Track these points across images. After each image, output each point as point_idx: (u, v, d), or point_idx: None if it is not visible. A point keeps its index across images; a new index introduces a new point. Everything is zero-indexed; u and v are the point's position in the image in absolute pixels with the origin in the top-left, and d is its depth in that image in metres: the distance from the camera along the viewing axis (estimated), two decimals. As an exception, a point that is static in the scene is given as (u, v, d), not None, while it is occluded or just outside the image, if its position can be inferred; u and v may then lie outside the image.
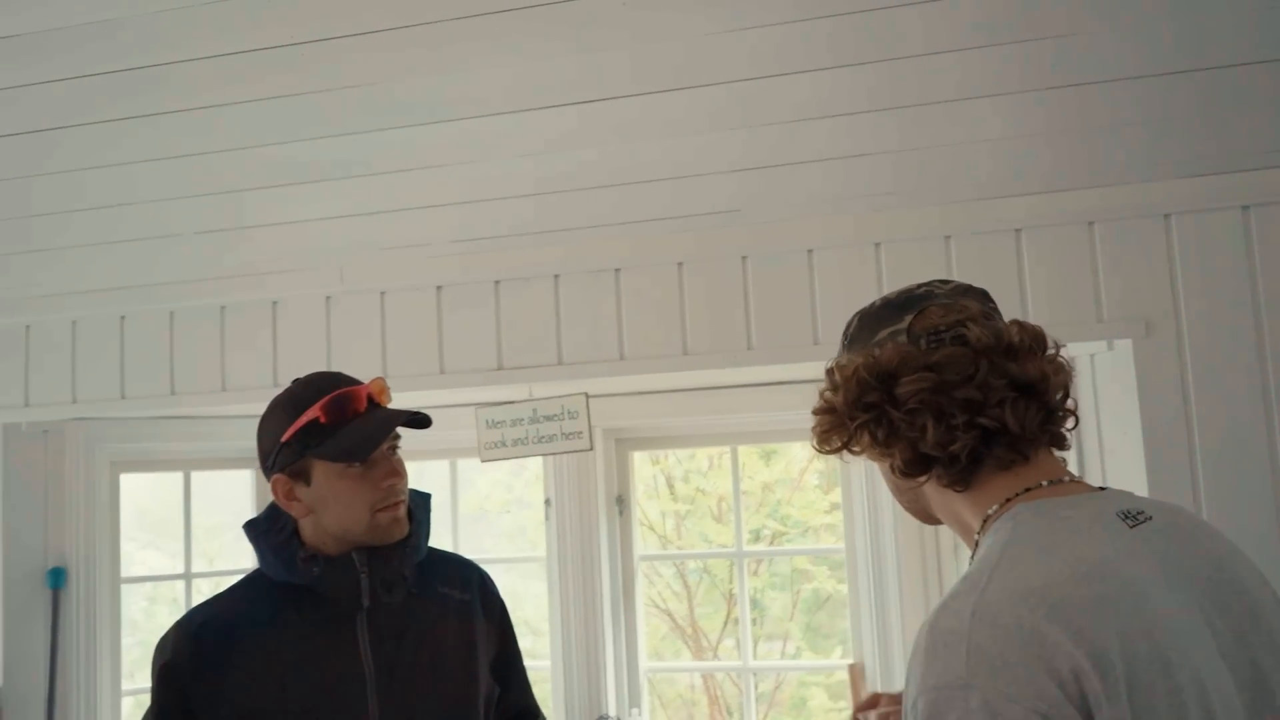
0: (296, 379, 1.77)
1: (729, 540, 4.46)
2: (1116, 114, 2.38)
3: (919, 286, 1.26)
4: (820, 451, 1.28)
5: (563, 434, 2.79)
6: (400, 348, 2.79)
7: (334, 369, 2.69)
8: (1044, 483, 1.16)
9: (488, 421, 2.90)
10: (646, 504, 3.27)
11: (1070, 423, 1.21)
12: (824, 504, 4.16)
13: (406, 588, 1.78)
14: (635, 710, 3.13)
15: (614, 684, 3.14)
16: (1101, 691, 0.97)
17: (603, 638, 3.12)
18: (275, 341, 2.88)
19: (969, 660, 0.99)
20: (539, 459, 3.27)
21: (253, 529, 1.78)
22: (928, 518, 1.29)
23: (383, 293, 2.81)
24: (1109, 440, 2.41)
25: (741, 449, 3.24)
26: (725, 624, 4.35)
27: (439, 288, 2.78)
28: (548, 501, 3.22)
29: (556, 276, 2.71)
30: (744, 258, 2.60)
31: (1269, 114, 2.33)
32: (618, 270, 2.67)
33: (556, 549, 3.17)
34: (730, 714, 4.41)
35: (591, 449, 2.76)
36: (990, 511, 1.17)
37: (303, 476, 1.69)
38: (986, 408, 1.14)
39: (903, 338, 1.20)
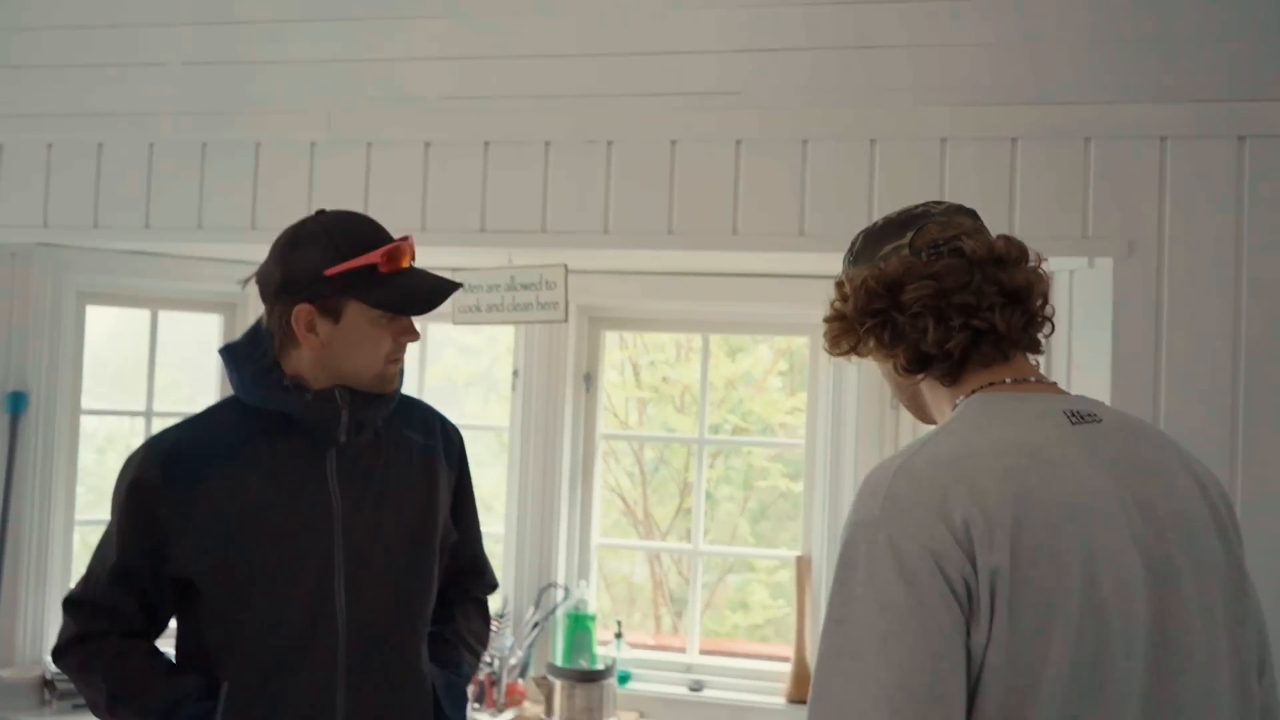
0: (323, 212, 1.75)
1: (691, 430, 4.51)
2: (1121, 28, 2.37)
3: (917, 207, 1.39)
4: (831, 354, 1.42)
5: (539, 304, 2.78)
6: (383, 202, 2.75)
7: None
8: (1007, 380, 1.30)
9: (465, 285, 2.89)
10: (611, 390, 3.29)
11: (1047, 329, 1.34)
12: (786, 405, 4.21)
13: (374, 429, 1.81)
14: (583, 582, 3.19)
15: (565, 555, 3.20)
16: (985, 539, 1.12)
17: (558, 510, 3.16)
18: (256, 184, 2.83)
19: (884, 504, 1.16)
20: (510, 334, 3.28)
21: (232, 353, 1.77)
22: (925, 416, 1.43)
23: (369, 144, 2.77)
24: (1078, 355, 2.45)
25: (709, 344, 3.26)
26: (676, 514, 4.42)
27: (427, 144, 2.74)
28: (515, 373, 3.23)
29: (548, 143, 2.68)
30: (738, 141, 2.58)
31: (1267, 43, 2.33)
32: (610, 143, 2.65)
33: (521, 420, 3.20)
34: (672, 601, 4.52)
35: (566, 321, 2.76)
36: (958, 401, 1.32)
37: (332, 313, 1.69)
38: (979, 311, 1.28)
39: (905, 251, 1.33)
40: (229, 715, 1.64)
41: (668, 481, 4.46)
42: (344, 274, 1.67)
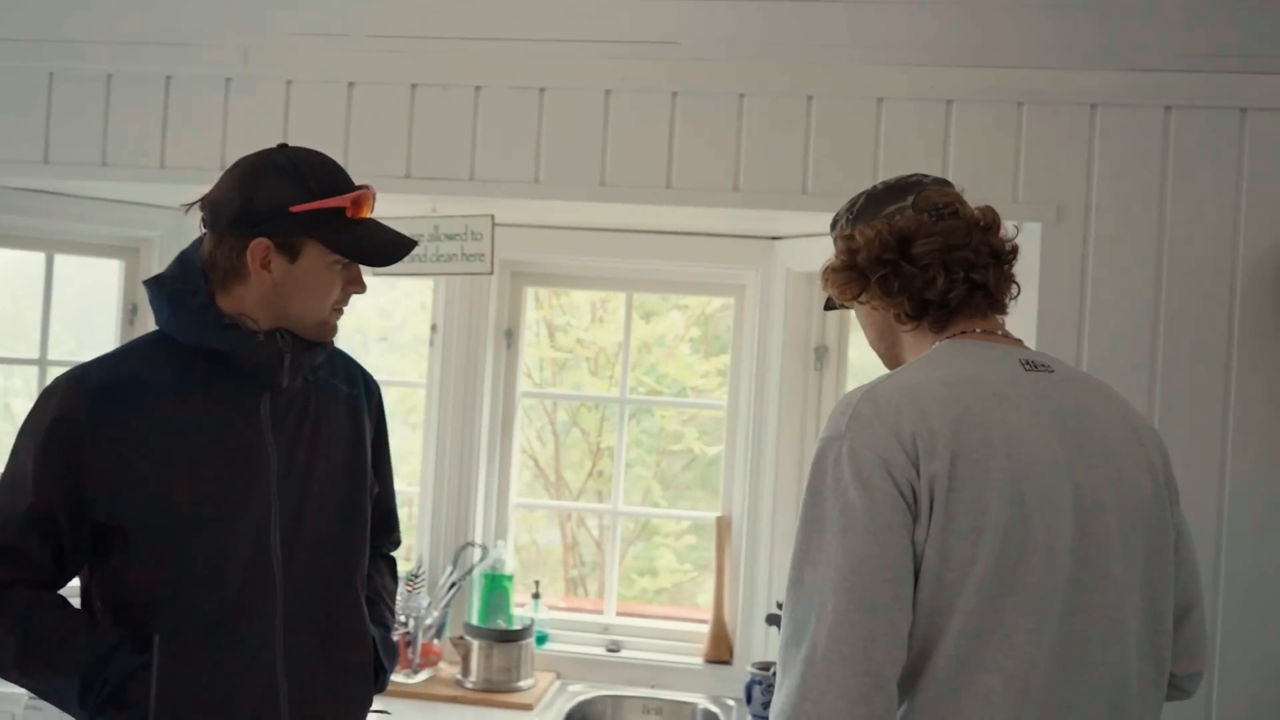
0: (288, 146, 1.68)
1: (605, 393, 4.47)
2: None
3: (910, 176, 1.60)
4: (839, 300, 1.60)
5: (463, 255, 2.71)
6: (302, 143, 2.63)
7: (228, 158, 2.55)
8: (978, 330, 1.50)
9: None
10: (526, 351, 3.23)
11: (1015, 290, 1.56)
12: (701, 368, 4.20)
13: (308, 376, 1.75)
14: (501, 542, 3.14)
15: (483, 515, 3.14)
16: (929, 451, 1.32)
17: (477, 469, 3.10)
18: (165, 120, 2.69)
19: (849, 422, 1.36)
20: (426, 288, 3.19)
21: (161, 286, 1.67)
22: (898, 362, 1.60)
23: (289, 82, 2.65)
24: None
25: (631, 302, 3.22)
26: (588, 477, 4.38)
27: (351, 84, 2.64)
28: (434, 328, 3.15)
29: (477, 88, 2.60)
30: (674, 93, 2.54)
31: (1199, 15, 2.37)
32: (542, 90, 2.58)
33: (439, 377, 3.12)
34: (583, 565, 4.49)
35: (492, 273, 2.69)
36: (936, 344, 1.50)
37: (290, 252, 1.62)
38: (975, 267, 1.48)
39: (910, 211, 1.52)
40: (165, 669, 1.55)
41: (580, 444, 4.42)
42: (310, 213, 1.60)
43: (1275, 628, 2.35)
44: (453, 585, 3.05)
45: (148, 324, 2.17)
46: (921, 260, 1.48)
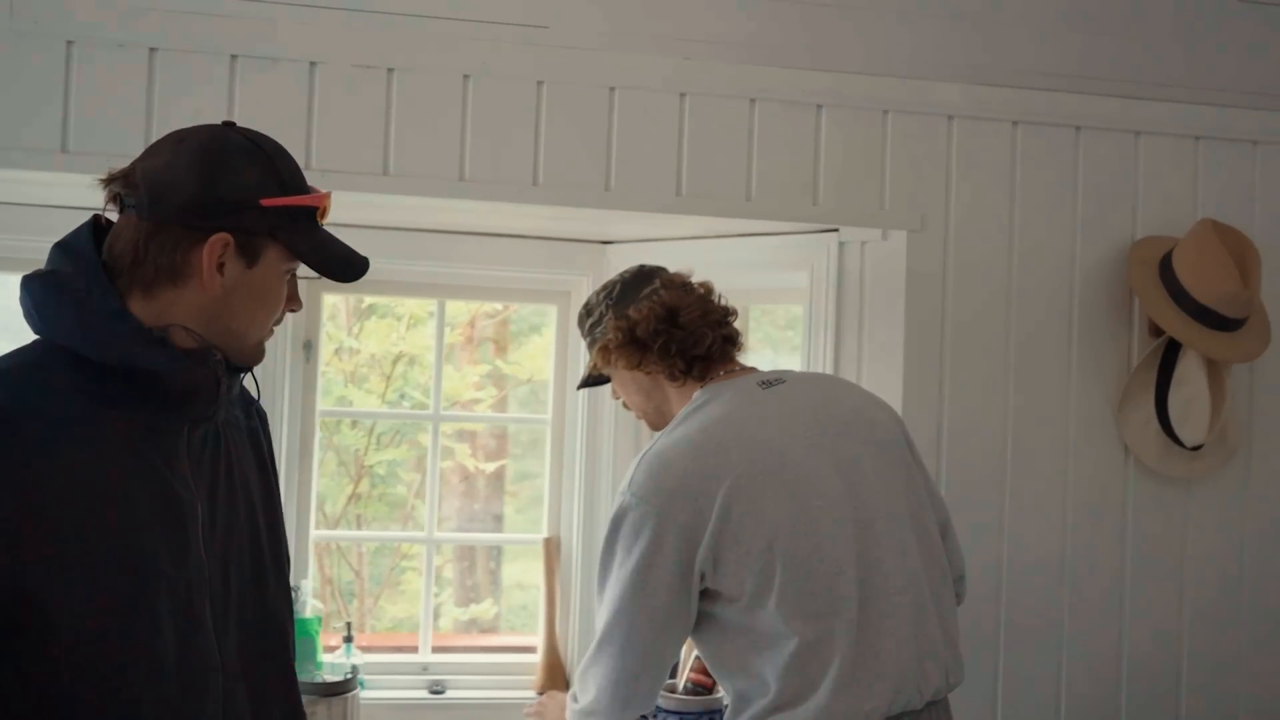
0: (235, 125, 1.38)
1: (369, 405, 4.08)
2: (933, 5, 2.44)
3: (641, 266, 2.04)
4: (617, 370, 1.97)
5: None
6: (98, 123, 2.19)
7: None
8: (721, 372, 1.91)
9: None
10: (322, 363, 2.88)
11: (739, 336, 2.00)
12: (472, 376, 3.94)
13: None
14: (304, 581, 2.77)
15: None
16: (711, 492, 1.70)
17: (273, 500, 2.71)
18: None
19: (642, 484, 1.75)
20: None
21: (57, 287, 1.28)
22: (660, 415, 1.97)
23: (68, 42, 2.18)
24: (869, 322, 2.48)
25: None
26: (348, 502, 3.98)
27: (152, 50, 2.21)
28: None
29: (313, 64, 2.27)
30: (540, 83, 2.34)
31: (1041, 35, 2.51)
32: (390, 70, 2.29)
33: (224, 395, 2.69)
34: (342, 596, 4.09)
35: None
36: (696, 394, 1.89)
37: (249, 254, 1.32)
38: (723, 324, 1.93)
39: (663, 291, 1.94)
40: None
41: (328, 463, 4.01)
42: (281, 210, 1.32)
43: (1115, 608, 2.52)
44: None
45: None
46: (689, 325, 1.89)
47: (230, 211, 1.29)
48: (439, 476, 2.95)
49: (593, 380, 2.14)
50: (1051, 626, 2.49)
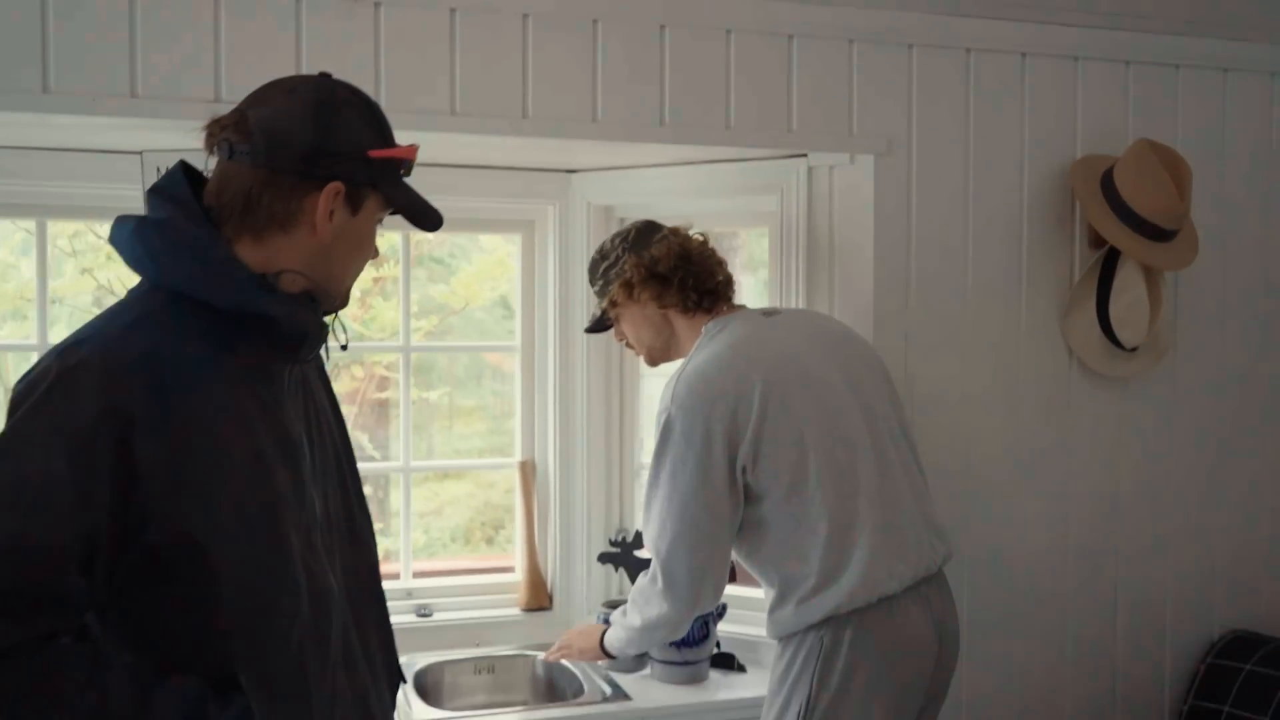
0: (331, 76, 1.42)
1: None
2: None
3: (643, 221, 2.36)
4: (622, 305, 2.28)
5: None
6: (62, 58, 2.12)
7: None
8: (724, 308, 2.24)
9: (158, 169, 2.38)
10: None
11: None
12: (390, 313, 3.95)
13: None
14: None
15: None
16: (747, 397, 2.02)
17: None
18: None
19: (682, 398, 2.06)
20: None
21: (177, 234, 1.31)
22: (673, 354, 2.28)
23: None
24: (839, 243, 2.61)
25: (409, 242, 2.95)
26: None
27: (132, -15, 2.15)
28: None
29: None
30: (525, 15, 2.36)
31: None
32: (378, 4, 2.27)
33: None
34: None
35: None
36: (704, 328, 2.19)
37: (354, 203, 1.37)
38: (723, 267, 2.26)
39: (671, 237, 2.25)
40: (265, 714, 1.25)
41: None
42: (383, 161, 1.38)
43: (1060, 492, 2.76)
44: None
45: None
46: (701, 262, 2.22)
47: (342, 162, 1.34)
48: (409, 408, 3.00)
49: (601, 324, 2.39)
50: (1005, 506, 2.71)
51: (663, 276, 2.21)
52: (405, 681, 1.63)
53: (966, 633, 2.39)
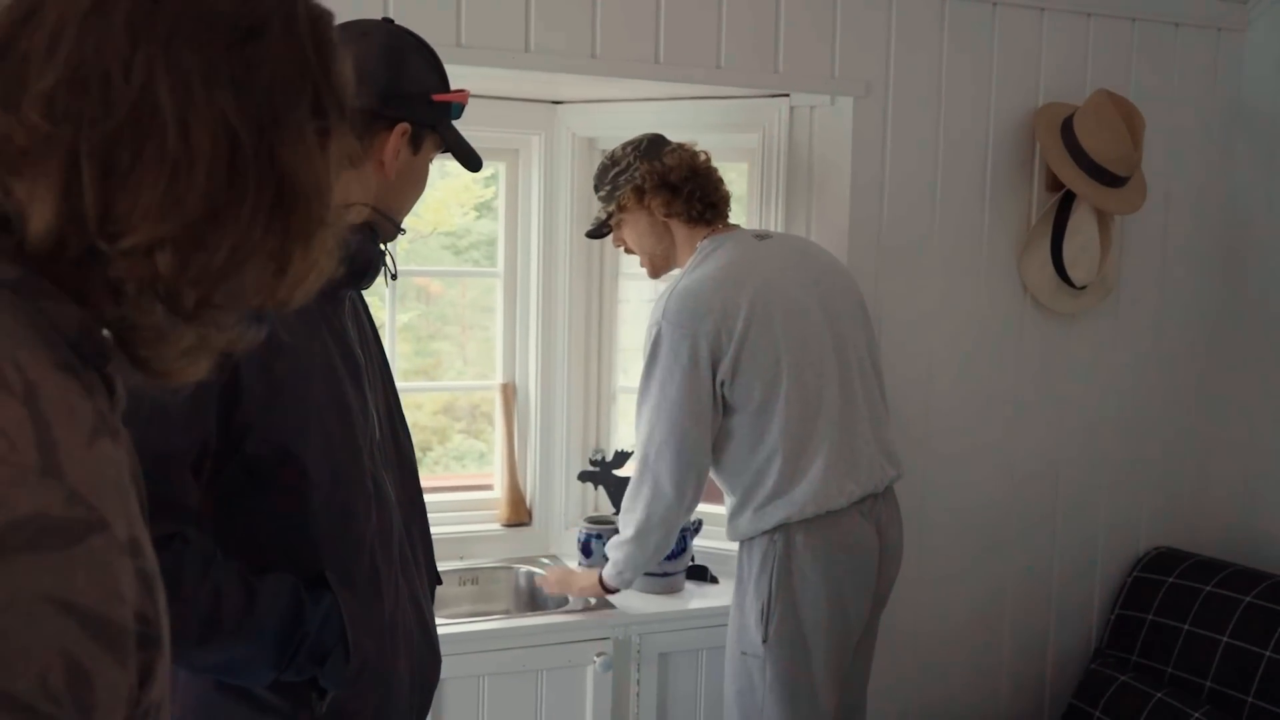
0: (392, 21, 1.53)
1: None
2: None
3: (652, 134, 2.47)
4: (628, 210, 2.40)
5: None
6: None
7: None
8: (720, 226, 2.41)
9: None
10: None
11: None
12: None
13: None
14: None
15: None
16: (732, 322, 2.21)
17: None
18: None
19: (672, 311, 2.25)
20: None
21: None
22: (666, 257, 2.45)
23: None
24: (818, 180, 2.76)
25: None
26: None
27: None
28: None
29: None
30: (529, -49, 2.43)
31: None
32: (388, -65, 2.33)
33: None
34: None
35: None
36: (699, 243, 2.37)
37: (415, 143, 1.48)
38: (723, 182, 2.43)
39: (679, 150, 2.40)
40: (348, 609, 1.38)
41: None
42: (442, 105, 1.50)
43: (1012, 419, 2.97)
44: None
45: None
46: (707, 175, 2.37)
47: (409, 103, 1.44)
48: (395, 333, 3.08)
49: (603, 229, 2.51)
50: (959, 423, 2.92)
51: (673, 186, 2.34)
52: (441, 583, 1.75)
53: (916, 551, 2.61)
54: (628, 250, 2.52)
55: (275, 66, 0.73)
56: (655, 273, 2.52)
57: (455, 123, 1.60)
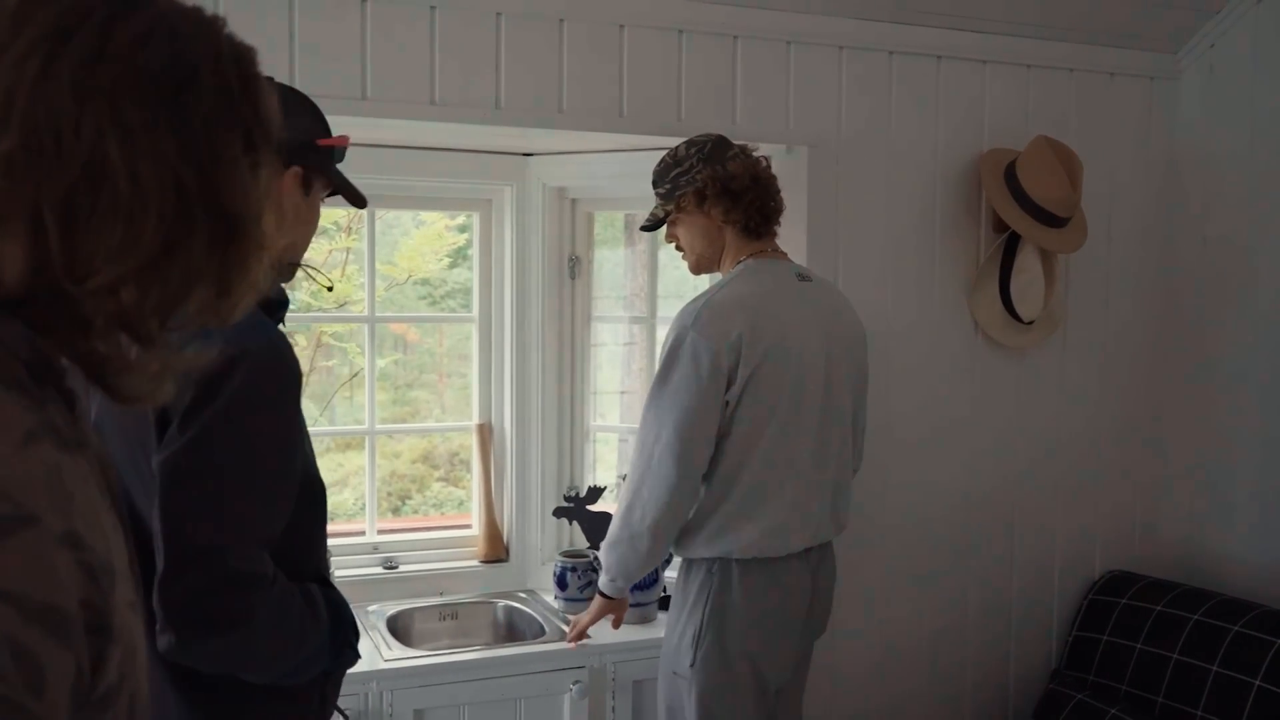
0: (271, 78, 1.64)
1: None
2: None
3: (716, 135, 2.42)
4: (686, 211, 2.39)
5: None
6: None
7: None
8: (767, 249, 2.41)
9: None
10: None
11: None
12: (358, 278, 4.10)
13: None
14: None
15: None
16: (748, 347, 2.23)
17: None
18: None
19: (693, 323, 2.28)
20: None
21: None
22: (711, 261, 2.44)
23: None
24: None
25: (373, 220, 3.14)
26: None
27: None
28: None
29: (292, -6, 2.41)
30: (499, 14, 2.58)
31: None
32: (364, 0, 2.47)
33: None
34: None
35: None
36: (743, 259, 2.38)
37: (306, 186, 1.59)
38: (779, 195, 2.42)
39: (741, 156, 2.38)
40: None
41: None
42: (326, 149, 1.61)
43: (967, 450, 3.11)
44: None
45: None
46: (768, 184, 2.38)
47: (299, 150, 1.56)
48: (374, 375, 3.20)
49: (657, 225, 2.50)
50: (918, 460, 3.05)
51: (735, 193, 2.33)
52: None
53: (879, 582, 2.73)
54: (678, 247, 2.51)
55: (209, 109, 0.80)
56: (697, 270, 2.51)
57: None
